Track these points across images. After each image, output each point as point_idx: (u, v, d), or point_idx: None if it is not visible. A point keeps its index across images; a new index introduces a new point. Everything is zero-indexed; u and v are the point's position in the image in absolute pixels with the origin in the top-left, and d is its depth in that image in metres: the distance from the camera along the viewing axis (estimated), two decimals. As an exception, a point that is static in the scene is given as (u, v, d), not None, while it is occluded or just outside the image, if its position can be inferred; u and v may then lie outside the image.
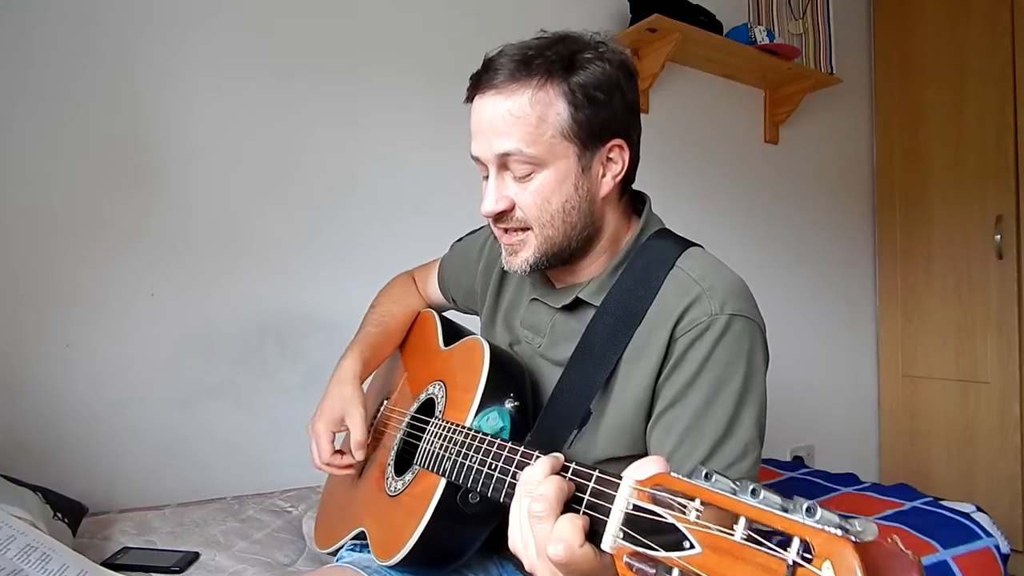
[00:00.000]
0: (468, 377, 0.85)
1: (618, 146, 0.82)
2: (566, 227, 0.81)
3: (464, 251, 1.13)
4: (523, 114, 0.77)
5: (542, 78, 0.77)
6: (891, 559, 0.35)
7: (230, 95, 1.58)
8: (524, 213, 0.81)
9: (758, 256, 2.48)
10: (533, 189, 0.80)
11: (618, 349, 0.80)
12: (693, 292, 0.78)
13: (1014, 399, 2.34)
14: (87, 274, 1.43)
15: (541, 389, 0.88)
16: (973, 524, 1.41)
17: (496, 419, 0.77)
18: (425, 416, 0.90)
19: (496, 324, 1.02)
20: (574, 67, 0.78)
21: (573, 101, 0.77)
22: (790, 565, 0.36)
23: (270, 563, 1.17)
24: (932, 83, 2.61)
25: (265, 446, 1.59)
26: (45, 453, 1.36)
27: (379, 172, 1.75)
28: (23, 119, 1.38)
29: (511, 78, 0.78)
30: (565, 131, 0.78)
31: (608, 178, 0.82)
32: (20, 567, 0.89)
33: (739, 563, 0.39)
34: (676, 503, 0.44)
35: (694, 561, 0.41)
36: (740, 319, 0.77)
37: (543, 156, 0.78)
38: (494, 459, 0.68)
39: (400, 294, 1.20)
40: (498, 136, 0.79)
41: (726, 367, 0.76)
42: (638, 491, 0.48)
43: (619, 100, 0.80)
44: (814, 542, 0.36)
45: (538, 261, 0.83)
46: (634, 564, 0.44)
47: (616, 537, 0.47)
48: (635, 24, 2.04)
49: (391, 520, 0.86)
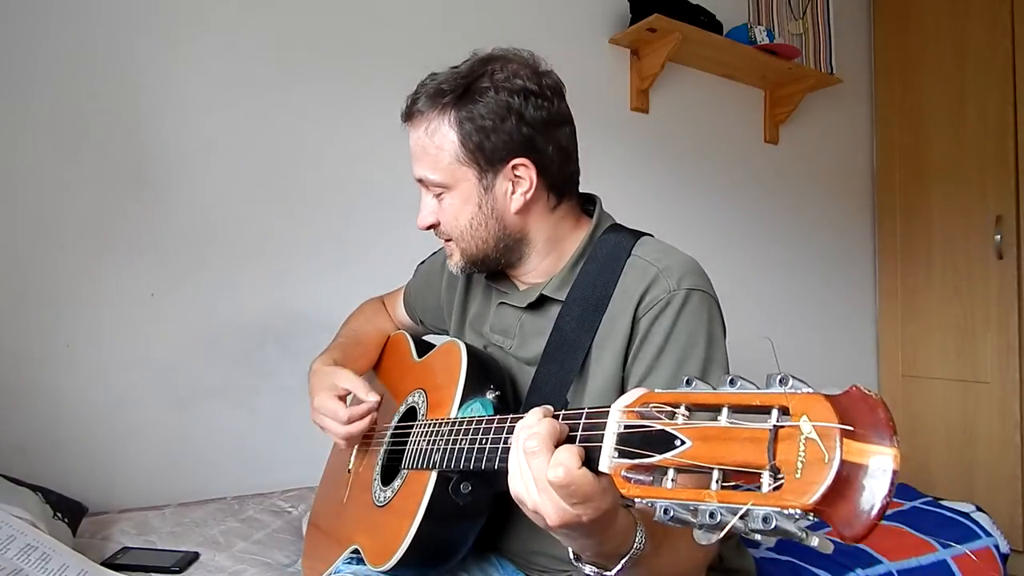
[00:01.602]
0: (447, 376, 0.87)
1: (522, 165, 0.87)
2: (476, 240, 0.90)
3: (427, 271, 1.19)
4: (425, 143, 0.88)
5: (437, 110, 0.86)
6: (858, 402, 0.38)
7: (230, 95, 1.58)
8: (444, 228, 0.92)
9: (758, 256, 2.49)
10: (445, 208, 0.90)
11: (588, 336, 0.84)
12: (651, 273, 0.83)
13: (1014, 399, 2.34)
14: (87, 274, 1.43)
15: (518, 387, 0.91)
16: (973, 524, 1.41)
17: (479, 408, 0.77)
18: (407, 424, 0.90)
19: (465, 333, 1.05)
20: (466, 98, 0.85)
21: (460, 131, 0.85)
22: (771, 429, 0.39)
23: (270, 563, 1.17)
24: (932, 83, 2.61)
25: (265, 446, 1.59)
26: (45, 453, 1.36)
27: (379, 172, 1.75)
28: (25, 121, 1.38)
29: (419, 110, 0.88)
30: (460, 157, 0.86)
31: (518, 195, 0.88)
32: (20, 567, 0.89)
33: (727, 443, 0.42)
34: (664, 413, 0.47)
35: (687, 454, 0.44)
36: (697, 292, 0.82)
37: (446, 180, 0.88)
38: (484, 434, 0.69)
39: (371, 314, 1.25)
40: (416, 161, 0.90)
41: (688, 337, 0.80)
42: (626, 412, 0.50)
43: (513, 124, 0.85)
44: (789, 404, 0.39)
45: (467, 266, 0.93)
46: (631, 476, 0.47)
47: (611, 458, 0.49)
48: (635, 24, 2.04)
49: (383, 527, 0.85)
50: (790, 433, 0.39)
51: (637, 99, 2.19)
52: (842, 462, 0.36)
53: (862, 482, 0.36)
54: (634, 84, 2.19)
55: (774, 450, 0.39)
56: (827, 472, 0.36)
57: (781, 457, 0.39)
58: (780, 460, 0.39)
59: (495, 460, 0.66)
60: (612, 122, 2.15)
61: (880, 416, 0.37)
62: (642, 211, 1.10)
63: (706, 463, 0.42)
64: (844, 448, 0.36)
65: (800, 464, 0.38)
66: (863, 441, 0.36)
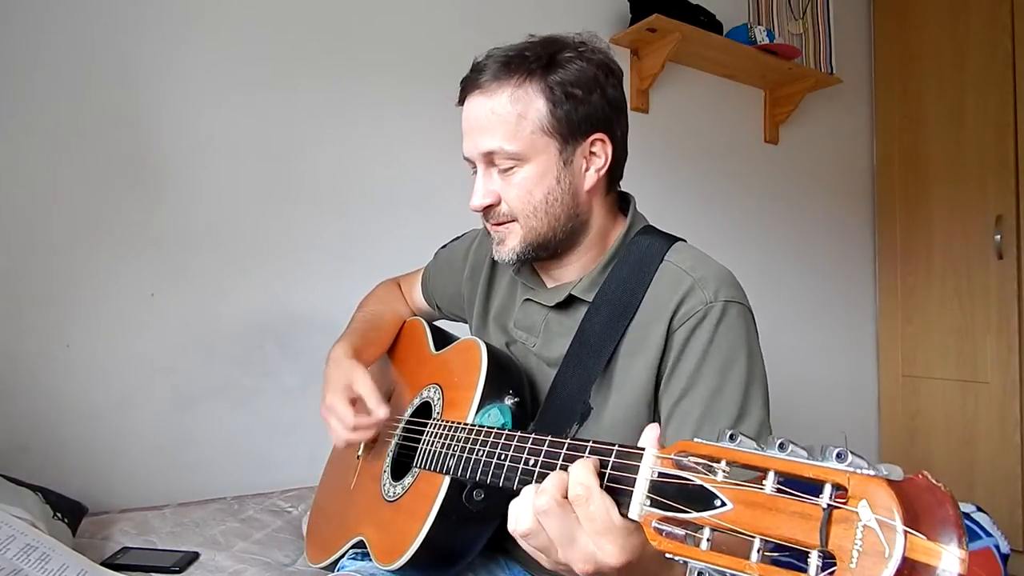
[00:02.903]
0: (466, 376, 0.85)
1: (600, 140, 0.85)
2: (549, 218, 0.85)
3: (449, 257, 1.16)
4: (504, 112, 0.82)
5: (521, 77, 0.81)
6: (924, 493, 0.35)
7: (230, 95, 1.58)
8: (509, 206, 0.85)
9: (758, 256, 2.48)
10: (517, 183, 0.84)
11: (614, 340, 0.81)
12: (686, 283, 0.81)
13: (1014, 399, 2.34)
14: (87, 274, 1.43)
15: (537, 388, 0.89)
16: (973, 524, 1.41)
17: (497, 415, 0.77)
18: (421, 420, 0.90)
19: (488, 326, 1.02)
20: (553, 66, 0.82)
21: (551, 98, 0.81)
22: (825, 508, 0.37)
23: (270, 563, 1.17)
24: (932, 83, 2.61)
25: (265, 446, 1.59)
26: (45, 453, 1.36)
27: (379, 172, 1.75)
28: (24, 120, 1.38)
29: (494, 79, 0.82)
30: (544, 126, 0.82)
31: (592, 171, 0.85)
32: (20, 567, 0.89)
33: (773, 514, 0.39)
34: (702, 466, 0.44)
35: (727, 517, 0.41)
36: (735, 305, 0.80)
37: (524, 151, 0.82)
38: (503, 449, 0.67)
39: (386, 296, 1.22)
40: (483, 135, 0.83)
41: (729, 351, 0.78)
42: (661, 459, 0.47)
43: (598, 96, 0.83)
44: (847, 485, 0.36)
45: (524, 250, 0.87)
46: (664, 528, 0.44)
47: (643, 505, 0.47)
48: (635, 24, 2.04)
49: (392, 524, 0.85)
50: (847, 517, 0.36)
51: (637, 99, 2.19)
52: (904, 559, 0.34)
53: None
54: (634, 84, 2.19)
55: (827, 533, 0.36)
56: (887, 567, 0.34)
57: (835, 542, 0.36)
58: (834, 544, 0.36)
59: (514, 480, 0.64)
60: (612, 122, 2.14)
61: (949, 513, 0.34)
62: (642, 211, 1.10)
63: (748, 531, 0.39)
64: (908, 545, 0.34)
65: (856, 553, 0.35)
66: (928, 539, 0.34)
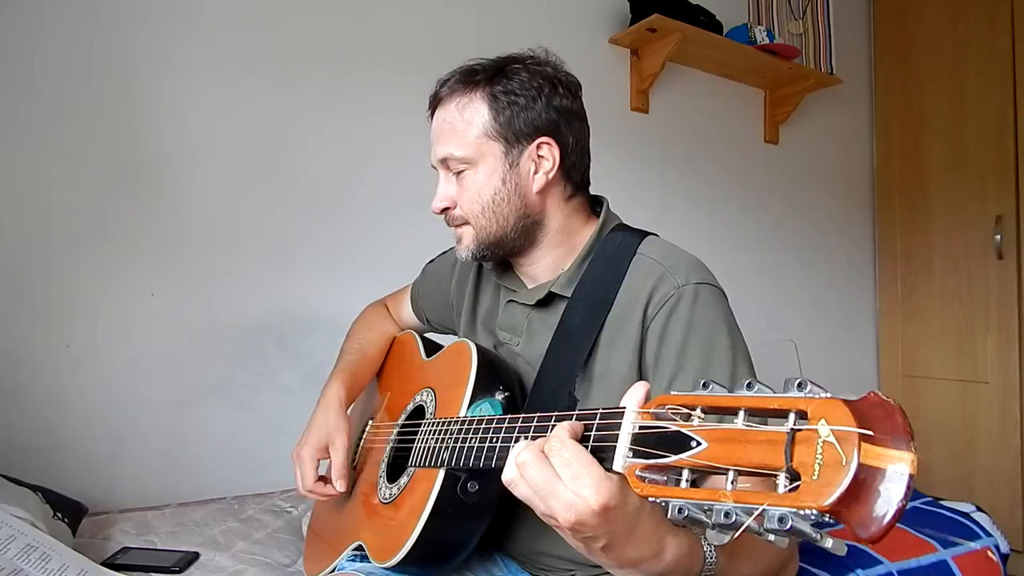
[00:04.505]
0: (457, 376, 0.86)
1: (546, 144, 0.89)
2: (498, 217, 0.90)
3: (436, 270, 1.20)
4: (454, 120, 0.89)
5: (470, 88, 0.89)
6: (875, 408, 0.38)
7: (230, 95, 1.58)
8: (462, 209, 0.92)
9: (758, 256, 2.48)
10: (467, 185, 0.90)
11: (593, 332, 0.84)
12: (657, 272, 0.84)
13: (1014, 399, 2.34)
14: (87, 274, 1.43)
15: (524, 385, 0.91)
16: (973, 524, 1.41)
17: (488, 408, 0.78)
18: (415, 423, 0.90)
19: (477, 331, 1.05)
20: (498, 76, 0.89)
21: (493, 105, 0.88)
22: (789, 432, 0.40)
23: (270, 563, 1.17)
24: (932, 83, 2.61)
25: (265, 446, 1.59)
26: (45, 453, 1.35)
27: (379, 172, 1.75)
28: (24, 119, 1.37)
29: (449, 91, 0.91)
30: (489, 131, 0.88)
31: (540, 174, 0.90)
32: (20, 567, 0.89)
33: (743, 445, 0.42)
34: (680, 416, 0.47)
35: (702, 455, 0.44)
36: (706, 286, 0.83)
37: (472, 155, 0.89)
38: (494, 434, 0.69)
39: (374, 320, 1.25)
40: (438, 143, 0.91)
41: (709, 328, 0.80)
42: (641, 413, 0.50)
43: (543, 104, 0.89)
44: (808, 408, 0.40)
45: (479, 249, 0.93)
46: (645, 476, 0.47)
47: (626, 457, 0.49)
48: (635, 24, 2.04)
49: (389, 523, 0.85)
50: (808, 436, 0.39)
51: (637, 99, 2.19)
52: (860, 465, 0.37)
53: (879, 486, 0.36)
54: (634, 84, 2.19)
55: (791, 452, 0.39)
56: (844, 474, 0.37)
57: (798, 459, 0.39)
58: (797, 462, 0.39)
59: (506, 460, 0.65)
60: (612, 122, 2.14)
61: (898, 421, 0.37)
62: (642, 211, 1.10)
63: (722, 464, 0.42)
64: (862, 452, 0.37)
65: (817, 466, 0.38)
66: (881, 445, 0.37)
